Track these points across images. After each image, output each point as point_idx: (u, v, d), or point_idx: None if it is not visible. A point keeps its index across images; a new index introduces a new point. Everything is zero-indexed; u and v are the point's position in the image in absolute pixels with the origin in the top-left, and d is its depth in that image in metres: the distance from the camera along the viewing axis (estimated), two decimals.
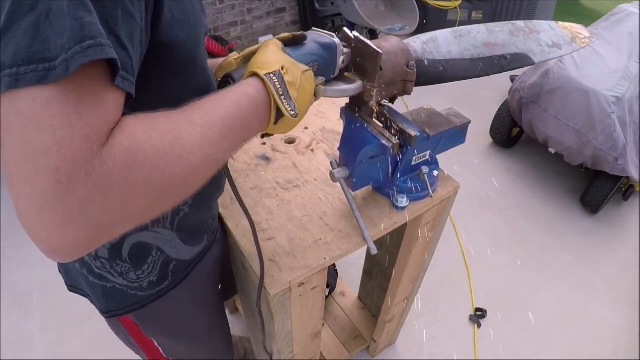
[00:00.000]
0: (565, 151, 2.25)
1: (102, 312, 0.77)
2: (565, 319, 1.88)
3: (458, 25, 1.01)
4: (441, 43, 0.82)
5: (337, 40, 0.66)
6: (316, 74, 0.64)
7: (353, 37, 0.69)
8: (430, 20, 3.59)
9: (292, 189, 0.96)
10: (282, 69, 0.56)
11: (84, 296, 0.81)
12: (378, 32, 3.08)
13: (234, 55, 0.66)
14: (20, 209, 0.36)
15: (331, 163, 0.86)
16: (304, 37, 0.64)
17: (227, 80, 0.61)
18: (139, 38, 0.43)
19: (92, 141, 0.36)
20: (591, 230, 2.28)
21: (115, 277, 0.71)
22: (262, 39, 3.47)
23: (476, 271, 2.03)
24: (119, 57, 0.38)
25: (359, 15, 2.87)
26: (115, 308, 0.76)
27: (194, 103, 0.48)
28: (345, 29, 0.70)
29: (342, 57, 0.68)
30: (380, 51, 0.66)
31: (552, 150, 2.34)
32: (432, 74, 0.80)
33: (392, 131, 0.81)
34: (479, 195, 2.42)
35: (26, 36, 0.35)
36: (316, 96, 0.64)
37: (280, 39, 0.62)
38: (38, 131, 0.34)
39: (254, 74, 0.55)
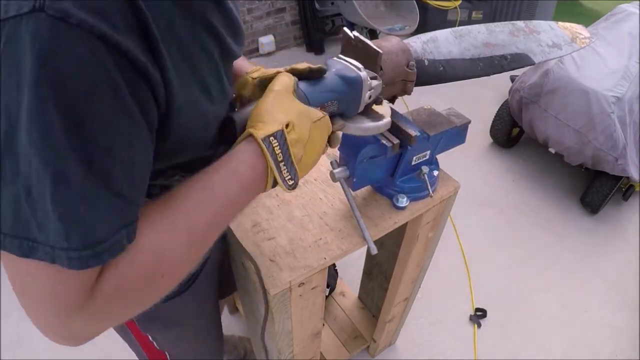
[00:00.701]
0: (565, 151, 2.25)
1: None
2: (565, 319, 1.88)
3: (458, 25, 1.01)
4: (441, 43, 0.82)
5: (363, 74, 0.58)
6: (334, 113, 0.56)
7: (353, 36, 0.69)
8: (430, 20, 3.59)
9: None
10: (287, 126, 0.50)
11: None
12: (378, 32, 3.08)
13: (252, 73, 0.61)
14: (32, 321, 0.41)
15: (331, 163, 0.86)
16: (324, 71, 0.57)
17: (228, 127, 0.54)
18: (145, 164, 0.43)
19: (84, 288, 0.40)
20: (591, 230, 2.28)
21: None
22: (262, 39, 3.47)
23: (476, 271, 2.03)
24: (122, 213, 0.40)
25: (359, 15, 2.87)
26: None
27: (181, 198, 0.45)
28: (345, 28, 0.70)
29: (368, 93, 0.60)
30: (381, 51, 0.66)
31: (552, 150, 2.34)
32: (432, 73, 0.80)
33: (392, 131, 0.81)
34: (479, 195, 2.42)
35: (9, 208, 0.35)
36: (331, 144, 0.58)
37: (295, 71, 0.56)
38: (33, 281, 0.38)
39: (252, 136, 0.49)
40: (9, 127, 0.34)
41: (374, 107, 0.66)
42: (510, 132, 2.64)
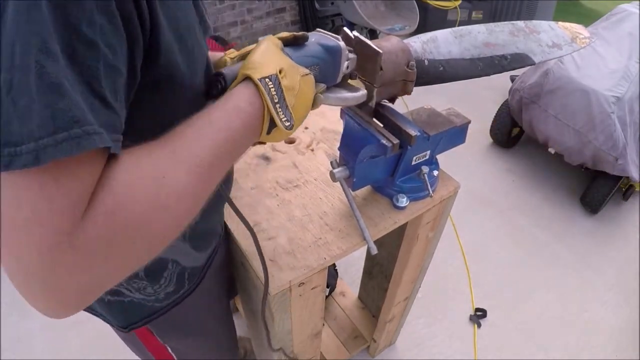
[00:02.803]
0: (565, 151, 2.25)
1: (121, 328, 0.75)
2: (565, 319, 1.88)
3: (458, 25, 1.01)
4: (441, 43, 0.82)
5: (342, 43, 0.61)
6: (317, 80, 0.59)
7: (353, 36, 0.69)
8: (430, 20, 3.59)
9: (292, 189, 0.96)
10: (280, 72, 0.52)
11: (97, 316, 0.78)
12: (378, 32, 3.08)
13: (230, 54, 0.62)
14: (10, 276, 0.36)
15: (331, 163, 0.86)
16: (306, 38, 0.59)
17: (218, 80, 0.55)
18: (124, 87, 0.41)
19: (73, 210, 0.35)
20: (591, 230, 2.28)
21: (132, 293, 0.70)
22: (262, 39, 3.47)
23: (476, 271, 2.03)
24: (105, 118, 0.37)
25: (359, 15, 2.87)
26: (134, 321, 0.75)
27: (180, 130, 0.44)
28: (346, 28, 0.70)
29: (346, 63, 0.63)
30: (381, 51, 0.66)
31: (552, 150, 2.34)
32: (432, 73, 0.80)
33: (392, 131, 0.81)
34: (479, 195, 2.42)
35: None
36: (314, 104, 0.59)
37: (280, 38, 0.58)
38: (15, 206, 0.33)
39: (248, 77, 0.51)
40: None
41: (350, 82, 0.69)
42: (510, 132, 2.64)
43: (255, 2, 3.33)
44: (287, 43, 0.59)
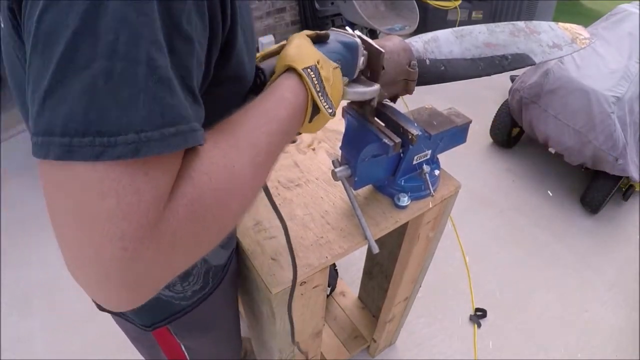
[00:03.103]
0: (565, 151, 2.25)
1: (144, 327, 0.75)
2: (565, 319, 1.88)
3: (458, 25, 1.01)
4: (442, 43, 0.82)
5: (358, 40, 0.64)
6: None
7: (355, 36, 0.69)
8: (430, 20, 3.59)
9: (293, 188, 0.96)
10: (318, 62, 0.54)
11: (117, 315, 0.77)
12: (378, 32, 3.08)
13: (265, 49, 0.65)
14: (77, 270, 0.34)
15: (333, 162, 0.86)
16: (328, 36, 0.62)
17: (257, 74, 0.57)
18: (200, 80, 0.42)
19: (159, 203, 0.34)
20: (591, 230, 2.28)
21: (162, 290, 0.70)
22: (262, 39, 3.47)
23: (476, 271, 2.03)
24: (195, 112, 0.37)
25: (359, 15, 2.87)
26: (159, 319, 0.75)
27: (238, 121, 0.45)
28: (348, 27, 0.70)
29: (362, 58, 0.66)
30: (383, 50, 0.66)
31: (552, 150, 2.34)
32: (433, 73, 0.80)
33: (394, 130, 0.81)
34: (479, 195, 2.42)
35: (81, 100, 0.30)
36: (343, 97, 0.62)
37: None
38: (100, 197, 0.31)
39: (290, 68, 0.53)
40: (91, 2, 0.31)
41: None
42: (510, 132, 2.64)
43: (255, 2, 3.33)
44: (312, 41, 0.60)
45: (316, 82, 0.52)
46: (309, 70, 0.52)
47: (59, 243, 0.34)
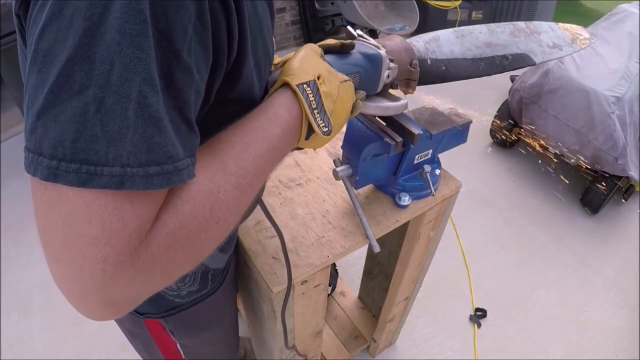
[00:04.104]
0: (565, 151, 2.26)
1: (137, 313, 0.75)
2: (565, 319, 1.88)
3: (458, 25, 1.01)
4: (443, 43, 0.82)
5: (383, 52, 0.61)
6: (357, 87, 0.59)
7: (357, 35, 0.69)
8: (430, 20, 3.59)
9: (294, 187, 0.96)
10: (318, 78, 0.52)
11: None
12: (378, 32, 3.08)
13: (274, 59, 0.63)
14: (60, 283, 0.36)
15: (334, 161, 0.87)
16: (353, 46, 0.59)
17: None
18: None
19: (142, 231, 0.35)
20: (591, 230, 2.28)
21: None
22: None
23: (476, 271, 2.03)
24: (189, 143, 0.37)
25: (359, 15, 2.87)
26: (153, 311, 0.75)
27: (227, 139, 0.45)
28: (349, 27, 0.70)
29: (387, 72, 0.63)
30: (384, 49, 0.66)
31: (552, 150, 2.34)
32: (434, 73, 0.80)
33: (395, 129, 0.81)
34: (479, 195, 2.42)
35: (71, 125, 0.31)
36: (353, 111, 0.59)
37: (323, 46, 0.58)
38: (85, 221, 0.33)
39: (286, 84, 0.51)
40: (89, 26, 0.31)
41: (390, 91, 0.69)
42: (510, 132, 2.64)
43: None
44: (332, 51, 0.59)
45: (312, 99, 0.51)
46: (305, 86, 0.50)
47: (45, 255, 0.35)
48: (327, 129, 0.53)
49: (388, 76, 0.64)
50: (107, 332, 1.70)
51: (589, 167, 2.25)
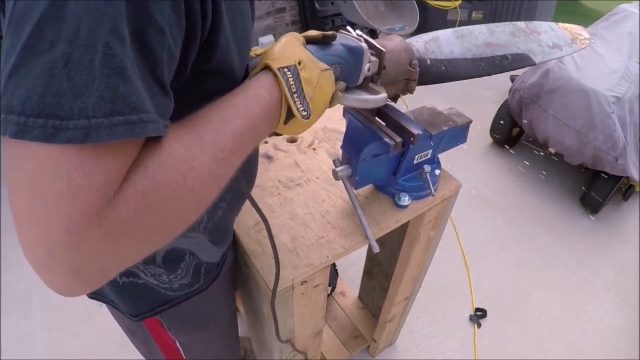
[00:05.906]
0: (565, 151, 2.26)
1: (131, 316, 0.75)
2: (565, 319, 1.88)
3: (458, 25, 1.01)
4: (443, 43, 0.82)
5: (365, 45, 0.63)
6: (337, 78, 0.60)
7: (356, 35, 0.69)
8: (430, 20, 3.59)
9: (294, 188, 0.96)
10: (299, 63, 0.53)
11: (106, 303, 0.78)
12: (378, 32, 3.08)
13: (255, 50, 0.63)
14: (27, 251, 0.35)
15: (334, 161, 0.86)
16: (334, 38, 0.61)
17: (245, 71, 0.58)
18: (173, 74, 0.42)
19: (108, 189, 0.34)
20: (591, 230, 2.28)
21: (147, 276, 0.70)
22: (262, 39, 3.48)
23: (476, 271, 2.03)
24: (161, 104, 0.38)
25: (359, 15, 2.87)
26: (145, 309, 0.75)
27: (205, 114, 0.45)
28: (349, 27, 0.70)
29: (367, 65, 0.64)
30: (384, 49, 0.66)
31: (552, 150, 2.34)
32: (434, 73, 0.80)
33: (395, 129, 0.81)
34: (479, 195, 2.42)
35: (39, 81, 0.31)
36: (332, 102, 0.60)
37: (306, 36, 0.59)
38: (51, 177, 0.32)
39: (267, 67, 0.52)
40: None
41: (371, 85, 0.69)
42: (510, 132, 2.64)
43: (255, 2, 3.34)
44: (314, 41, 0.60)
45: (292, 83, 0.51)
46: (285, 69, 0.51)
47: (14, 222, 0.35)
48: (306, 112, 0.54)
49: (369, 69, 0.65)
50: (107, 332, 1.70)
51: (589, 167, 2.25)
